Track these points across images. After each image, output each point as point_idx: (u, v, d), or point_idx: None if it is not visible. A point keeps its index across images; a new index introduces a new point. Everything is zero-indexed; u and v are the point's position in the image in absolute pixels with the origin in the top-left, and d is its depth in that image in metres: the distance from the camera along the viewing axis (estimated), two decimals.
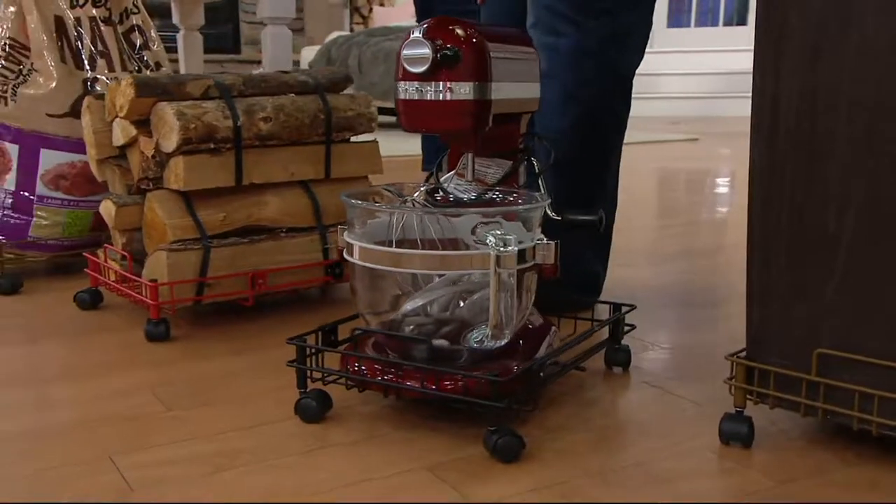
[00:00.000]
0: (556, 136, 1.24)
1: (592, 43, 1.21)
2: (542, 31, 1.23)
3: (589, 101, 1.23)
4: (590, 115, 1.24)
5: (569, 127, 1.24)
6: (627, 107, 1.28)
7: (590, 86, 1.23)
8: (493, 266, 0.82)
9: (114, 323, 1.24)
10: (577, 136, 1.24)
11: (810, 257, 0.80)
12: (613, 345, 1.08)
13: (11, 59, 1.49)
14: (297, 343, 0.90)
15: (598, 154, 1.27)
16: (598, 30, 1.21)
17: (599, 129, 1.25)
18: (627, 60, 1.26)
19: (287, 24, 2.32)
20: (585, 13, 1.20)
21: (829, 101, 0.77)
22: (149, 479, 0.77)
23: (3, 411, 0.93)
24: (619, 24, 1.21)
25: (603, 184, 1.29)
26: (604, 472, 0.80)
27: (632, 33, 1.24)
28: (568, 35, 1.21)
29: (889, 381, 0.76)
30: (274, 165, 1.27)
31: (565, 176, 1.26)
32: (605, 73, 1.23)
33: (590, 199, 1.26)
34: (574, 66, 1.22)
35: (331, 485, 0.76)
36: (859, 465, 0.81)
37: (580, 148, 1.24)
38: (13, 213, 1.47)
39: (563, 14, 1.21)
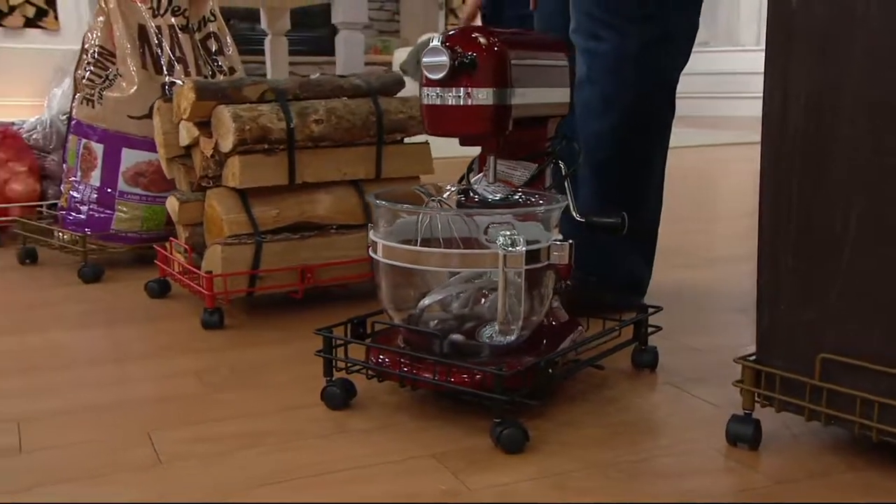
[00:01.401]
0: (595, 140, 1.26)
1: (632, 48, 1.21)
2: (582, 36, 1.24)
3: (629, 105, 1.24)
4: (630, 118, 1.24)
5: (608, 130, 1.25)
6: (671, 109, 1.28)
7: (630, 90, 1.23)
8: (501, 265, 0.84)
9: (176, 311, 1.32)
10: (617, 139, 1.24)
11: (816, 260, 0.80)
12: (640, 346, 1.08)
13: (99, 66, 1.61)
14: (323, 334, 0.95)
15: (638, 157, 1.27)
16: (638, 35, 1.21)
17: (640, 133, 1.25)
18: (670, 64, 1.25)
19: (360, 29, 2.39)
20: (626, 18, 1.21)
21: (834, 102, 0.76)
22: (177, 453, 0.83)
23: (65, 387, 1.02)
24: (660, 28, 1.21)
25: (643, 187, 1.29)
26: (604, 465, 0.81)
27: (674, 38, 1.24)
28: (608, 40, 1.22)
29: (889, 388, 0.75)
30: (326, 165, 1.33)
31: (605, 178, 1.27)
32: (646, 78, 1.23)
33: (629, 201, 1.25)
34: (614, 70, 1.23)
35: (339, 466, 0.81)
36: (863, 470, 0.80)
37: (620, 151, 1.25)
38: (98, 208, 1.58)
39: (602, 20, 1.21)
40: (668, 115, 1.28)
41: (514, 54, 0.93)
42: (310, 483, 0.78)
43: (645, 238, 1.29)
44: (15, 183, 1.82)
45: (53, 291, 1.45)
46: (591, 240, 1.20)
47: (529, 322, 0.95)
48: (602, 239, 1.22)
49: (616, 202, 1.24)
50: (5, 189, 1.81)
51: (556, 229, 0.95)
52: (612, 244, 1.23)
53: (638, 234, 1.21)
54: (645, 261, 1.32)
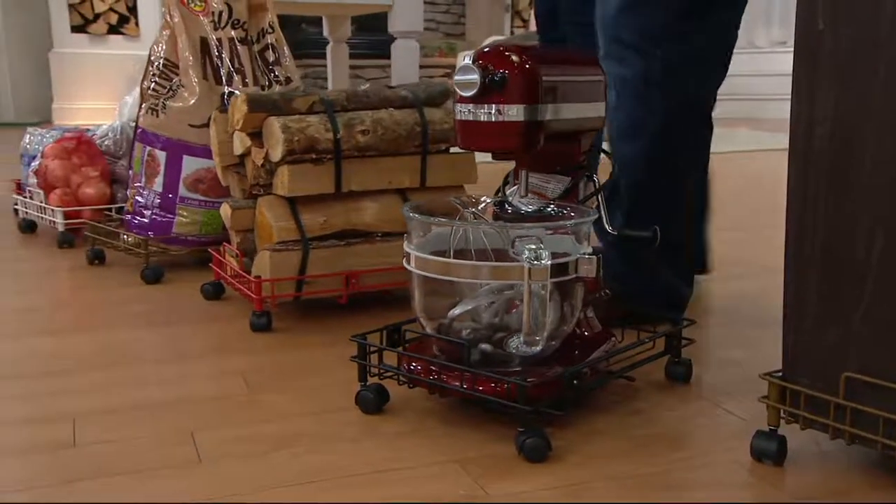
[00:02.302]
0: (627, 163, 1.25)
1: (657, 71, 1.19)
2: (611, 61, 1.23)
3: (657, 129, 1.22)
4: (660, 141, 1.22)
5: (639, 154, 1.23)
6: (706, 128, 1.26)
7: (658, 114, 1.21)
8: (526, 278, 0.86)
9: (228, 313, 1.38)
10: (647, 162, 1.23)
11: (840, 283, 0.79)
12: (673, 358, 1.09)
13: (164, 77, 1.68)
14: (358, 341, 0.99)
15: (669, 179, 1.25)
16: (663, 58, 1.19)
17: (671, 155, 1.24)
18: (699, 85, 1.23)
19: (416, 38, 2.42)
20: (651, 41, 1.19)
21: (858, 126, 0.76)
22: (217, 452, 0.88)
23: (119, 385, 1.07)
24: (686, 49, 1.19)
25: (675, 206, 1.27)
26: (623, 477, 0.83)
27: (701, 57, 1.21)
28: (634, 65, 1.20)
29: None
30: (372, 174, 1.36)
31: (636, 199, 1.26)
32: (674, 101, 1.21)
33: (662, 220, 1.24)
34: (640, 95, 1.21)
35: (366, 469, 0.84)
36: (886, 490, 0.79)
37: (650, 173, 1.24)
38: (160, 212, 1.65)
39: (629, 44, 1.20)
40: (701, 135, 1.26)
41: (546, 71, 0.94)
42: (335, 485, 0.81)
43: (677, 253, 1.28)
44: (87, 187, 1.91)
45: (117, 292, 1.52)
46: (625, 255, 1.21)
47: (559, 332, 0.97)
48: (635, 254, 1.23)
49: (645, 220, 1.23)
50: (78, 192, 1.90)
51: (586, 242, 0.96)
52: (645, 260, 1.24)
53: (668, 249, 1.20)
54: (679, 275, 1.31)
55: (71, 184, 1.90)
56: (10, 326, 1.33)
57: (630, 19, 1.21)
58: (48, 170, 1.90)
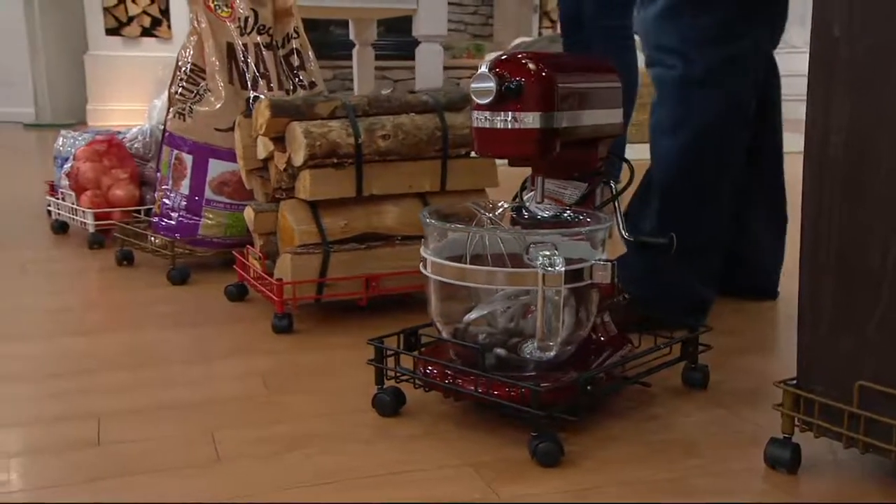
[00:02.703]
0: (663, 159, 1.27)
1: (698, 72, 1.22)
2: (654, 67, 1.26)
3: (697, 128, 1.24)
4: (698, 141, 1.24)
5: (675, 149, 1.25)
6: (745, 130, 1.26)
7: (697, 113, 1.23)
8: (540, 284, 0.87)
9: (250, 314, 1.39)
10: (683, 160, 1.25)
11: (854, 291, 0.79)
12: (690, 364, 1.08)
13: (191, 81, 1.70)
14: (374, 344, 1.00)
15: (703, 179, 1.26)
16: (703, 59, 1.21)
17: (708, 155, 1.25)
18: (740, 85, 1.24)
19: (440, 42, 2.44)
20: (691, 45, 1.21)
21: (873, 135, 0.76)
22: (235, 452, 0.89)
23: (143, 386, 1.09)
24: (727, 53, 1.21)
25: (712, 206, 1.27)
26: (635, 483, 0.83)
27: (742, 58, 1.22)
28: (675, 67, 1.23)
29: None
30: (393, 178, 1.37)
31: (667, 197, 1.27)
32: (714, 100, 1.23)
33: (687, 221, 1.25)
34: (681, 95, 1.24)
35: (379, 471, 0.85)
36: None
37: (684, 170, 1.25)
38: (186, 214, 1.67)
39: (670, 48, 1.23)
40: (740, 139, 1.26)
41: (561, 78, 0.94)
42: (350, 486, 0.82)
43: (701, 257, 1.27)
44: (117, 189, 1.94)
45: (144, 292, 1.55)
46: (644, 259, 1.21)
47: (574, 338, 0.97)
48: (655, 258, 1.23)
49: (677, 221, 1.24)
50: (108, 194, 1.94)
51: (601, 248, 0.96)
52: (665, 263, 1.23)
53: (692, 252, 1.21)
54: (702, 280, 1.30)
55: (101, 186, 1.93)
56: (42, 327, 1.36)
57: (669, 26, 1.23)
58: (79, 172, 1.94)
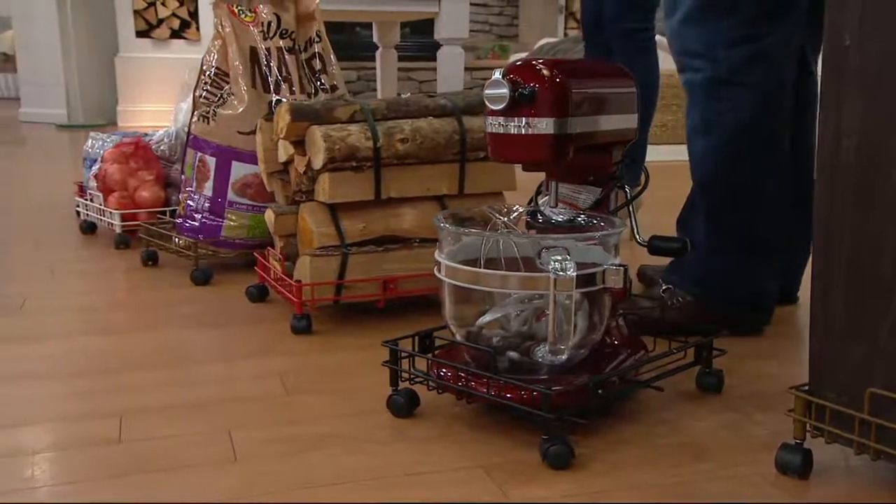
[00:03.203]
0: (699, 161, 1.28)
1: (724, 72, 1.22)
2: (684, 72, 1.27)
3: (728, 126, 1.24)
4: (731, 139, 1.24)
5: (711, 150, 1.26)
6: (780, 125, 1.25)
7: (727, 112, 1.23)
8: (552, 288, 0.87)
9: (271, 315, 1.41)
10: (719, 159, 1.25)
11: (866, 298, 0.78)
12: (704, 368, 1.08)
13: (215, 85, 1.73)
14: (389, 346, 1.01)
15: (745, 176, 1.25)
16: (729, 58, 1.21)
17: (744, 153, 1.24)
18: (768, 81, 1.23)
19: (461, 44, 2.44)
20: (715, 47, 1.21)
21: (884, 140, 0.75)
22: (252, 452, 0.91)
23: (165, 385, 1.11)
24: (754, 50, 1.20)
25: (759, 203, 1.26)
26: (644, 486, 0.83)
27: (769, 55, 1.21)
28: (702, 69, 1.24)
29: None
30: (411, 182, 1.38)
31: (712, 198, 1.28)
32: (743, 98, 1.22)
33: (741, 219, 1.26)
34: (710, 95, 1.24)
35: (393, 472, 0.86)
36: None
37: (724, 171, 1.26)
38: (210, 216, 1.70)
39: (696, 52, 1.23)
40: (776, 131, 1.25)
41: (575, 84, 0.95)
42: (366, 486, 0.83)
43: (769, 256, 1.27)
44: (143, 190, 1.97)
45: (167, 293, 1.57)
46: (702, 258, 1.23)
47: (587, 341, 0.98)
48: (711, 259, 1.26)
49: (726, 221, 1.27)
50: (135, 196, 1.97)
51: (614, 253, 0.96)
52: (728, 261, 1.26)
53: (747, 252, 1.25)
54: (763, 278, 1.29)
55: (128, 187, 1.97)
56: (67, 326, 1.39)
57: (694, 30, 1.24)
58: (107, 173, 1.97)
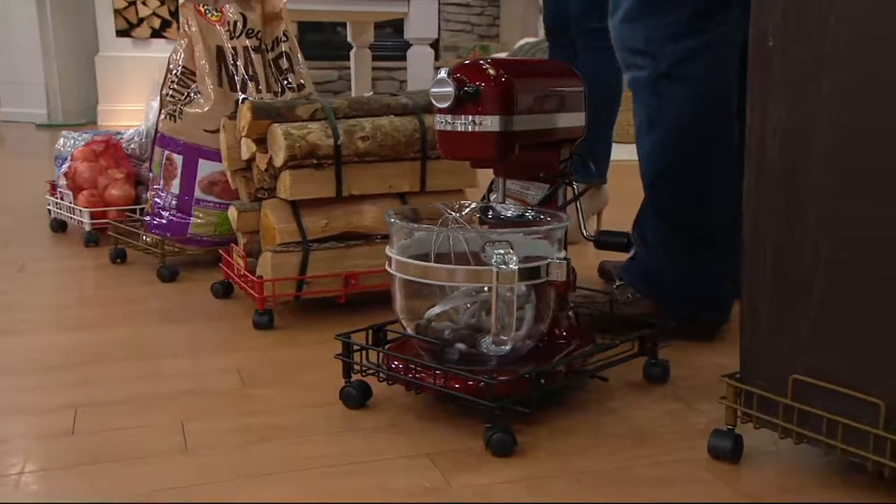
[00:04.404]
0: (646, 157, 1.29)
1: (666, 66, 1.22)
2: (629, 70, 1.28)
3: (672, 121, 1.24)
4: (675, 134, 1.24)
5: (657, 146, 1.26)
6: (728, 119, 1.25)
7: (670, 107, 1.24)
8: (494, 281, 0.90)
9: (234, 311, 1.43)
10: (664, 155, 1.26)
11: (789, 292, 0.82)
12: (651, 360, 1.11)
13: (182, 84, 1.74)
14: (342, 339, 1.03)
15: (691, 171, 1.25)
16: (670, 53, 1.22)
17: (690, 147, 1.24)
18: (710, 76, 1.22)
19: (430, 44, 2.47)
20: (657, 44, 1.22)
21: (805, 142, 0.78)
22: (203, 443, 0.93)
23: (123, 378, 1.13)
24: (695, 45, 1.21)
25: (708, 199, 1.26)
26: (582, 472, 0.86)
27: (709, 49, 1.21)
28: (645, 66, 1.24)
29: (853, 410, 0.77)
30: (372, 179, 1.41)
31: (658, 193, 1.29)
32: (686, 92, 1.22)
33: (687, 214, 1.26)
34: (652, 92, 1.25)
35: (341, 461, 0.88)
36: (835, 488, 0.82)
37: (670, 166, 1.26)
38: (177, 213, 1.71)
39: (637, 50, 1.24)
40: (720, 126, 1.25)
41: (520, 83, 0.97)
42: (311, 475, 0.85)
43: (708, 251, 1.27)
44: (113, 188, 1.98)
45: (134, 289, 1.59)
46: (654, 254, 1.25)
47: (533, 332, 1.00)
48: (662, 257, 1.27)
49: (672, 217, 1.28)
50: (105, 194, 1.98)
51: (559, 246, 0.99)
52: (677, 256, 1.27)
53: (698, 248, 1.25)
54: (716, 275, 1.28)
55: (98, 185, 1.98)
56: (34, 323, 1.40)
57: (634, 28, 1.25)
58: (76, 172, 1.99)
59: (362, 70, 2.79)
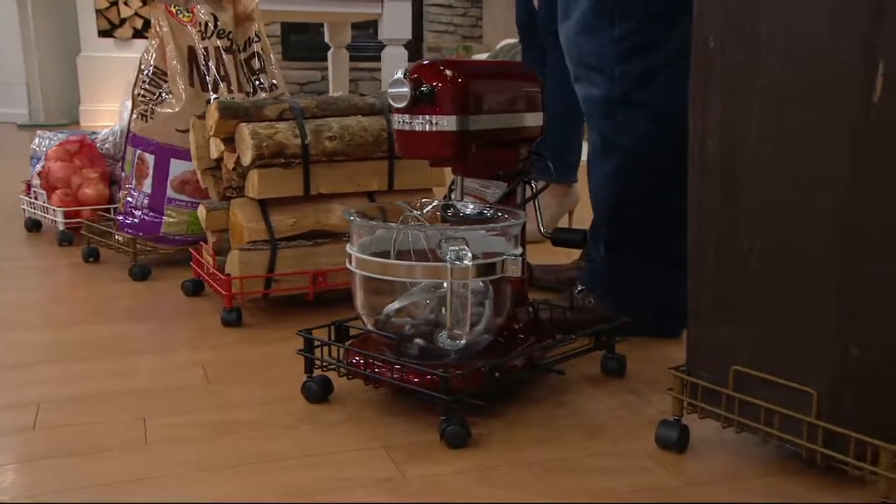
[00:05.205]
0: (602, 182, 1.27)
1: (621, 87, 1.20)
2: (581, 85, 1.25)
3: (628, 146, 1.22)
4: (631, 159, 1.22)
5: (611, 171, 1.24)
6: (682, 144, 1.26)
7: (627, 131, 1.21)
8: (448, 277, 0.92)
9: (203, 309, 1.45)
10: (621, 180, 1.24)
11: (730, 285, 0.84)
12: (608, 354, 1.14)
13: (153, 84, 1.75)
14: (304, 335, 1.05)
15: (651, 195, 1.22)
16: (624, 76, 1.19)
17: (647, 172, 1.22)
18: (669, 97, 1.16)
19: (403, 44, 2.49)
20: (610, 60, 1.19)
21: (741, 139, 0.81)
22: (163, 437, 0.94)
23: (88, 376, 1.15)
24: (649, 63, 1.18)
25: (669, 222, 1.13)
26: (532, 463, 0.88)
27: (669, 69, 1.17)
28: (599, 85, 1.21)
29: (787, 399, 0.79)
30: (340, 178, 1.43)
31: (618, 222, 1.27)
32: (642, 115, 1.20)
33: (650, 237, 1.23)
34: (608, 114, 1.22)
35: (297, 453, 0.90)
36: (774, 476, 0.84)
37: (626, 191, 1.24)
38: (149, 212, 1.72)
39: (590, 65, 1.22)
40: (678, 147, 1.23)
41: (475, 84, 1.00)
42: (267, 467, 0.87)
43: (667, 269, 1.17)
44: (87, 188, 1.99)
45: (105, 288, 1.60)
46: (613, 269, 1.25)
47: (490, 327, 1.02)
48: (623, 268, 1.26)
49: (633, 245, 1.25)
50: (78, 193, 1.99)
51: (515, 243, 1.01)
52: (638, 274, 1.25)
53: (658, 267, 1.22)
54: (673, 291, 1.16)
55: (71, 185, 1.99)
56: (4, 320, 1.41)
57: (586, 41, 1.22)
58: (50, 171, 1.99)
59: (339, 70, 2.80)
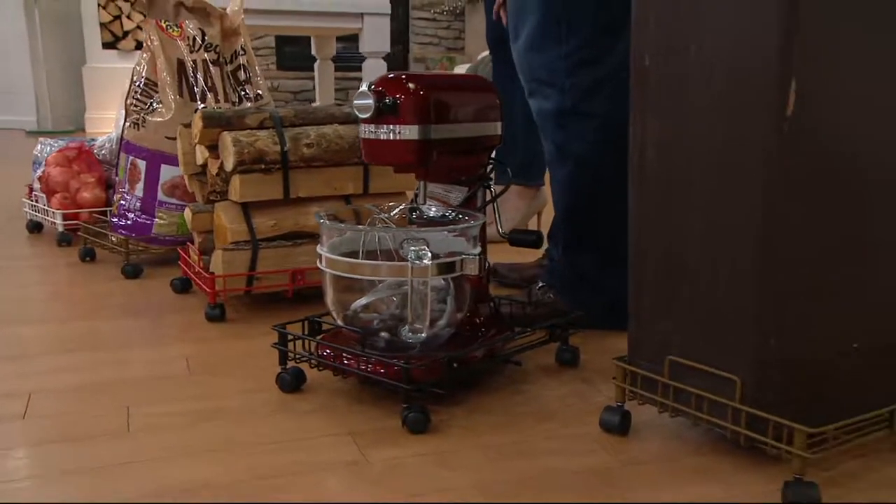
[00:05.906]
0: (559, 189, 1.29)
1: (570, 100, 1.21)
2: (534, 98, 1.26)
3: (579, 154, 1.23)
4: (583, 167, 1.23)
5: (566, 177, 1.26)
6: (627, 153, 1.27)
7: (578, 140, 1.23)
8: (409, 275, 0.94)
9: (191, 305, 1.46)
10: (574, 186, 1.26)
11: (665, 285, 0.86)
12: (562, 345, 1.16)
13: (145, 94, 1.76)
14: (278, 330, 1.06)
15: (605, 203, 1.22)
16: (573, 88, 1.20)
17: (596, 179, 1.23)
18: (609, 111, 1.18)
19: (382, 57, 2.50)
20: (560, 73, 1.21)
21: (676, 150, 0.83)
22: (145, 425, 0.96)
23: (79, 367, 1.16)
24: (597, 74, 1.20)
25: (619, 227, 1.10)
26: (487, 447, 0.90)
27: (616, 80, 1.16)
28: (550, 97, 1.23)
29: (713, 385, 0.82)
30: (318, 182, 1.44)
31: (575, 225, 1.29)
32: (589, 127, 1.21)
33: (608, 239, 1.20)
34: (558, 124, 1.23)
35: (269, 439, 0.92)
36: (705, 456, 0.87)
37: (580, 197, 1.26)
38: (141, 215, 1.73)
39: (541, 80, 1.23)
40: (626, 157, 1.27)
41: (436, 95, 1.01)
42: (241, 452, 0.89)
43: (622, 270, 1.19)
44: (85, 192, 2.00)
45: (100, 286, 1.61)
46: (572, 268, 1.26)
47: (451, 321, 1.04)
48: (580, 267, 1.28)
49: (587, 245, 1.26)
50: (77, 197, 1.99)
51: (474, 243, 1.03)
52: (594, 272, 1.26)
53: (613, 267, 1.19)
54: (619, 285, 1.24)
55: (70, 189, 1.99)
56: (2, 315, 1.42)
57: (537, 58, 1.24)
58: (50, 176, 2.00)
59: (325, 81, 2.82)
